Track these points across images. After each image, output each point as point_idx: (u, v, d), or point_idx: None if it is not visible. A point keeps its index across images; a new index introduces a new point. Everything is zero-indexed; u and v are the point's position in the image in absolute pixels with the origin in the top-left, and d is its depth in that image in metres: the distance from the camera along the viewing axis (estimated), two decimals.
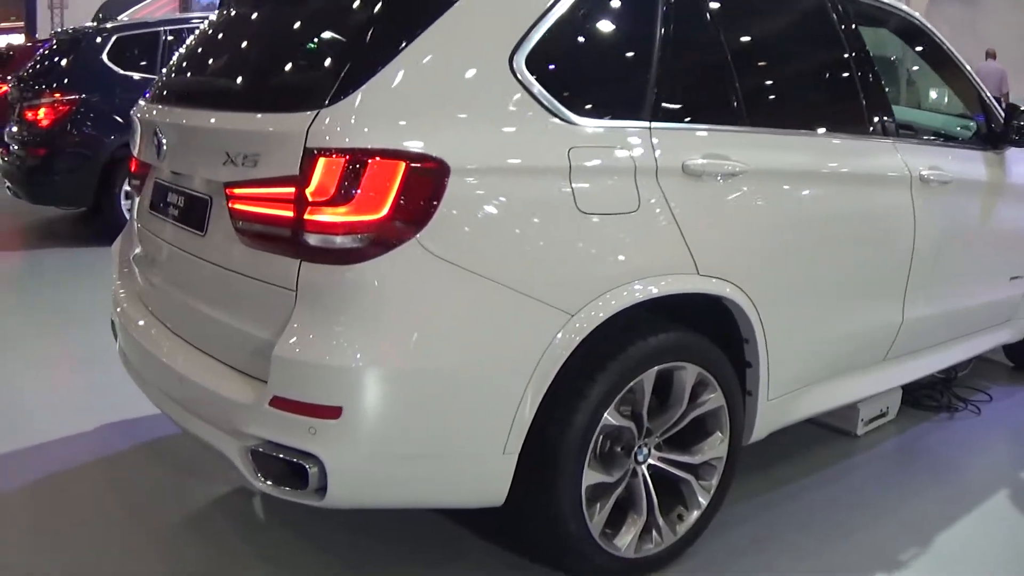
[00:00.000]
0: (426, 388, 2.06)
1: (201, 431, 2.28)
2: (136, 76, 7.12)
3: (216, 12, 2.86)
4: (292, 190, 2.00)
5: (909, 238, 3.18)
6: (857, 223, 3.01)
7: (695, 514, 2.63)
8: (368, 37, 2.13)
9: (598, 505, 2.40)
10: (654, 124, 2.42)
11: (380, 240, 1.97)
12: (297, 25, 2.50)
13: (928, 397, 3.97)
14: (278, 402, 2.02)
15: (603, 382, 2.29)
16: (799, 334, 2.85)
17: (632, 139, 2.36)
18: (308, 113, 2.00)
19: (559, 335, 2.18)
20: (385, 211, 1.96)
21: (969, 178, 3.55)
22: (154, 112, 2.63)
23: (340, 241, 1.97)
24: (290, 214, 2.01)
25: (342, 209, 1.96)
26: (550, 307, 2.17)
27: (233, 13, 2.74)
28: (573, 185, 2.20)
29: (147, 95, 2.82)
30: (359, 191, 1.95)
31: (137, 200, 2.92)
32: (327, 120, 1.98)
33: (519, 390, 2.15)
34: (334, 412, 1.98)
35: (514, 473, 2.21)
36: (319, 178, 1.96)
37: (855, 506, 3.04)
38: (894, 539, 2.83)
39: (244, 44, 2.67)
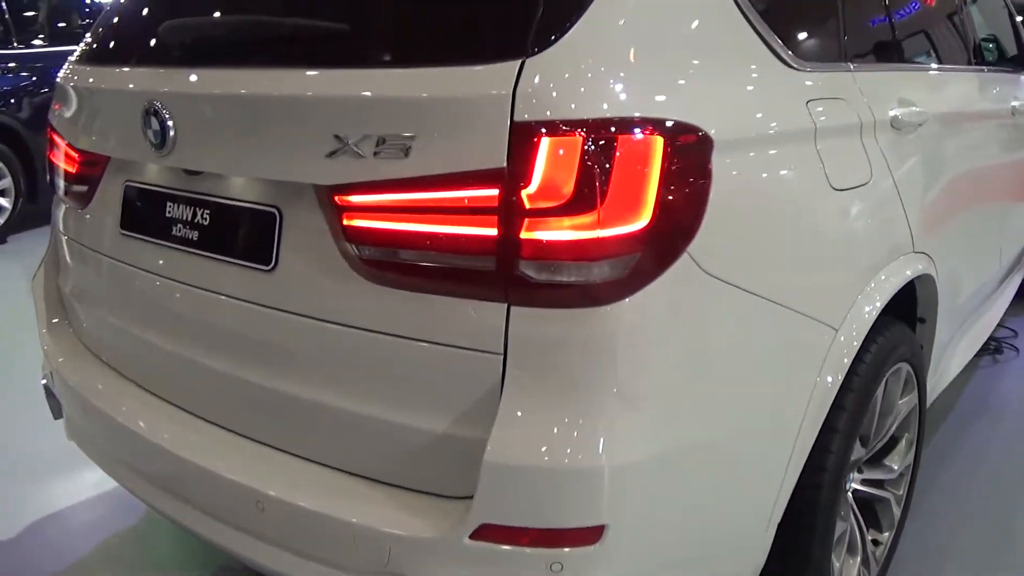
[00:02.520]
0: (700, 468, 1.41)
1: None
2: None
3: None
4: (493, 192, 1.25)
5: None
6: (995, 163, 2.61)
7: (888, 535, 2.16)
8: None
9: (833, 557, 1.85)
10: (854, 67, 1.86)
11: (645, 263, 1.27)
12: None
13: None
14: (491, 532, 1.30)
15: (851, 406, 1.72)
16: (960, 299, 2.44)
17: (847, 87, 1.79)
18: (507, 65, 1.25)
19: (827, 360, 1.59)
20: (648, 216, 1.26)
21: None
22: (140, 79, 1.72)
23: (585, 271, 1.25)
24: (490, 232, 1.27)
25: (585, 218, 1.24)
26: (817, 322, 1.57)
27: None
28: (820, 153, 1.60)
29: (105, 48, 1.89)
30: (609, 187, 1.24)
31: (84, 213, 1.98)
32: (543, 75, 1.24)
33: (790, 444, 1.55)
34: (593, 535, 1.28)
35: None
36: (545, 170, 1.23)
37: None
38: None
39: None
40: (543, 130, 1.22)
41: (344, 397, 1.47)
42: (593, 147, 1.22)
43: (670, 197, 1.27)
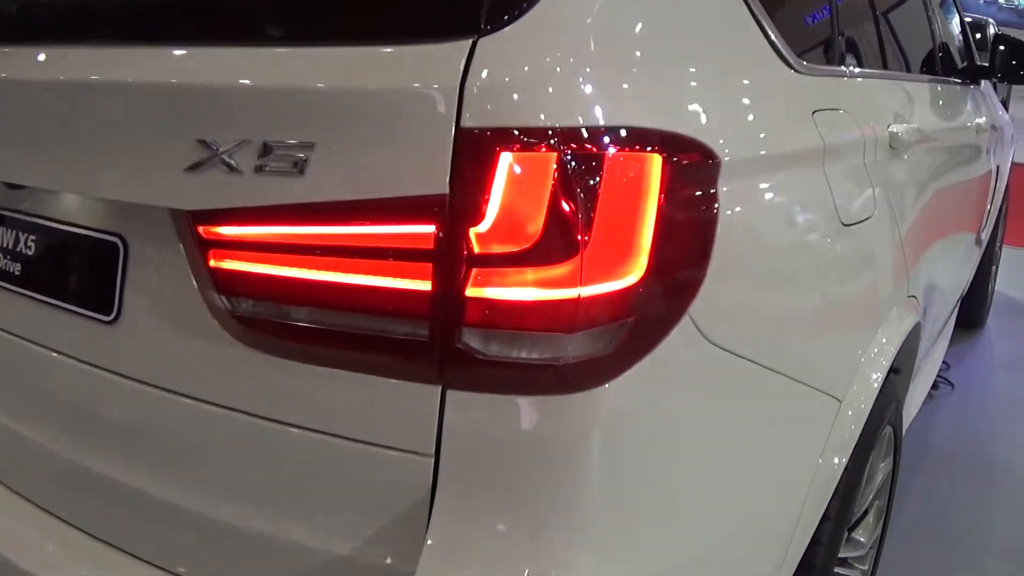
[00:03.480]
0: None
1: None
2: None
3: None
4: (427, 230, 0.87)
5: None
6: (960, 187, 2.38)
7: None
8: None
9: None
10: (848, 72, 1.56)
11: (636, 332, 0.90)
12: None
13: None
14: None
15: (844, 488, 1.40)
16: (931, 340, 2.19)
17: (847, 96, 1.48)
18: (450, 47, 0.87)
19: (831, 438, 1.28)
20: (643, 266, 0.90)
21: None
22: None
23: (556, 344, 0.88)
24: (421, 286, 0.88)
25: (559, 270, 0.87)
26: (821, 393, 1.25)
27: None
28: (829, 178, 1.28)
29: None
30: (594, 226, 0.87)
31: None
32: (503, 62, 0.86)
33: (785, 544, 1.23)
34: None
35: None
36: (503, 200, 0.85)
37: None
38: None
39: None
40: (502, 142, 0.85)
41: (205, 498, 1.06)
42: (574, 168, 0.86)
43: (670, 239, 0.92)
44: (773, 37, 1.22)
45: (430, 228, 0.86)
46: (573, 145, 0.86)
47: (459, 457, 0.91)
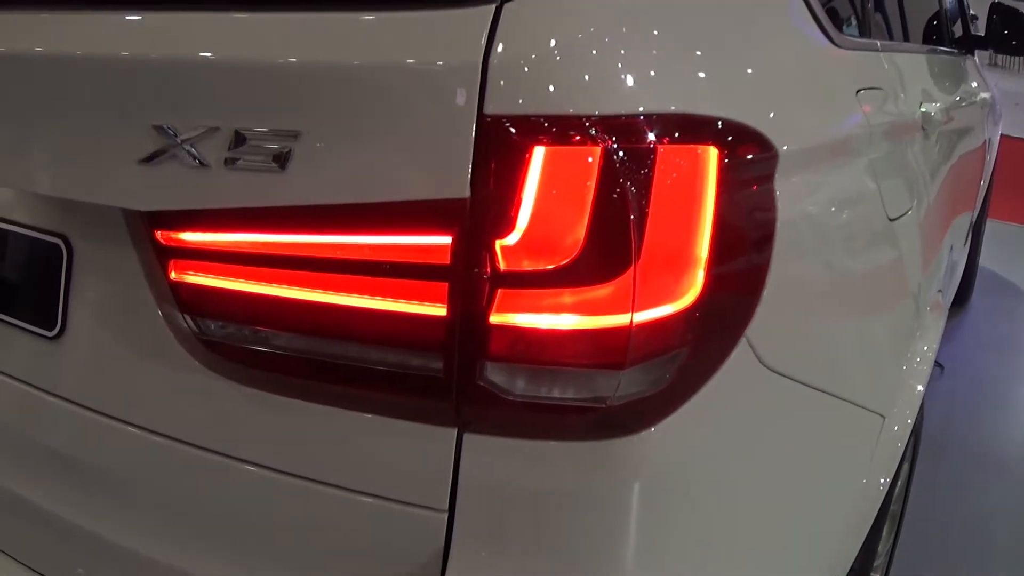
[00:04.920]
0: None
1: None
2: None
3: None
4: (443, 241, 0.71)
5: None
6: (962, 166, 2.25)
7: None
8: None
9: None
10: (880, 44, 1.41)
11: (692, 363, 0.75)
12: None
13: None
14: None
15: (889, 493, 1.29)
16: None
17: (882, 72, 1.34)
18: (470, 12, 0.70)
19: (875, 457, 1.15)
20: (699, 283, 0.75)
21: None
22: None
23: (601, 382, 0.72)
24: (434, 310, 0.72)
25: (603, 291, 0.71)
26: (866, 411, 1.12)
27: None
28: (875, 167, 1.14)
29: None
30: (646, 235, 0.71)
31: None
32: (533, 32, 0.70)
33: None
34: None
35: None
36: (536, 204, 0.69)
37: None
38: None
39: None
40: (535, 133, 0.69)
41: (164, 546, 0.90)
42: (622, 164, 0.70)
43: (729, 248, 0.77)
44: (813, 4, 1.07)
45: (445, 239, 0.70)
46: (621, 137, 0.70)
47: (477, 512, 0.75)
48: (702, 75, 0.79)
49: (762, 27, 0.94)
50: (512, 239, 0.69)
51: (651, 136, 0.71)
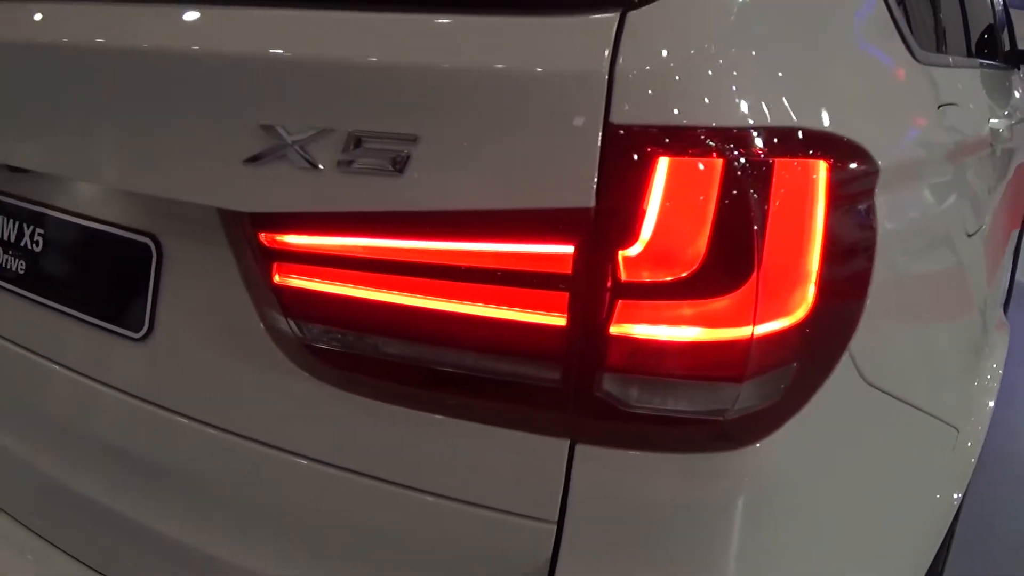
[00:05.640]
0: None
1: None
2: None
3: None
4: (565, 251, 0.71)
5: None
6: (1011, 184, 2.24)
7: None
8: None
9: None
10: (953, 59, 1.41)
11: (801, 376, 0.75)
12: None
13: None
14: None
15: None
16: None
17: (956, 88, 1.33)
18: (595, 20, 0.70)
19: (950, 471, 1.15)
20: (811, 296, 0.74)
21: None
22: None
23: (720, 395, 0.72)
24: (553, 319, 0.72)
25: (723, 302, 0.70)
26: (943, 423, 1.11)
27: None
28: (956, 183, 1.13)
29: None
30: (765, 247, 0.70)
31: None
32: (659, 42, 0.69)
33: None
34: None
35: None
36: (661, 216, 0.69)
37: None
38: None
39: None
40: (660, 143, 0.68)
41: (257, 559, 0.89)
42: (743, 176, 0.69)
43: (836, 261, 0.77)
44: (898, 19, 1.07)
45: (568, 249, 0.70)
46: (742, 149, 0.69)
47: (586, 524, 0.75)
48: (812, 91, 0.79)
49: (862, 45, 0.94)
50: (635, 250, 0.69)
51: (770, 149, 0.71)
